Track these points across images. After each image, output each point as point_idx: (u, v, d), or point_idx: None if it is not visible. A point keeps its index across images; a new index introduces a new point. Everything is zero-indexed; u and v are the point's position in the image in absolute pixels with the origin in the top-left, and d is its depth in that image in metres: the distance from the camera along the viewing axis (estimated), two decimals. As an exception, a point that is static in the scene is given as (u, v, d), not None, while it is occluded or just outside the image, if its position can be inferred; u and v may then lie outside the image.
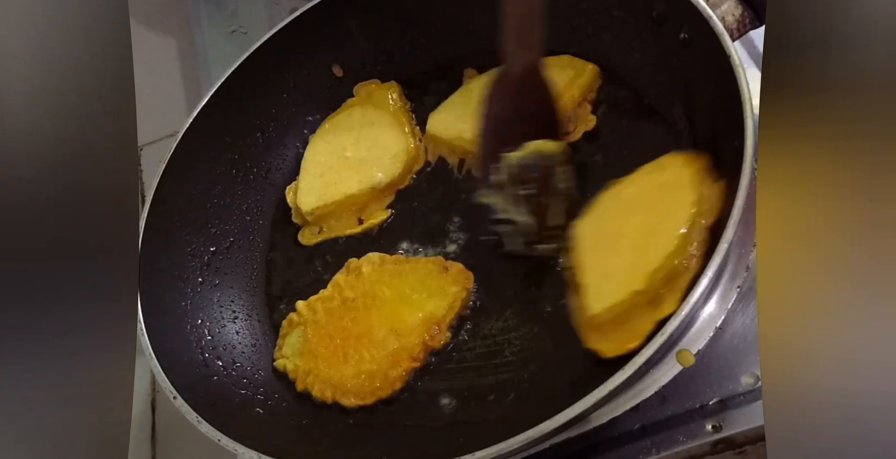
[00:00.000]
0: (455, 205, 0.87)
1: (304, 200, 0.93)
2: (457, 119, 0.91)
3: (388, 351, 0.76)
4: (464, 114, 0.90)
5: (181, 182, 0.88)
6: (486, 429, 0.69)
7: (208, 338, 0.82)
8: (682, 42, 0.73)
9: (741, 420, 0.67)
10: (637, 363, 0.55)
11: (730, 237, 0.57)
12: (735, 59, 0.65)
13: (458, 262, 0.81)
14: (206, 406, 0.69)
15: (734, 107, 0.63)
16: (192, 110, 0.91)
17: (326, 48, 0.99)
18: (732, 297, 0.71)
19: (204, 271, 0.88)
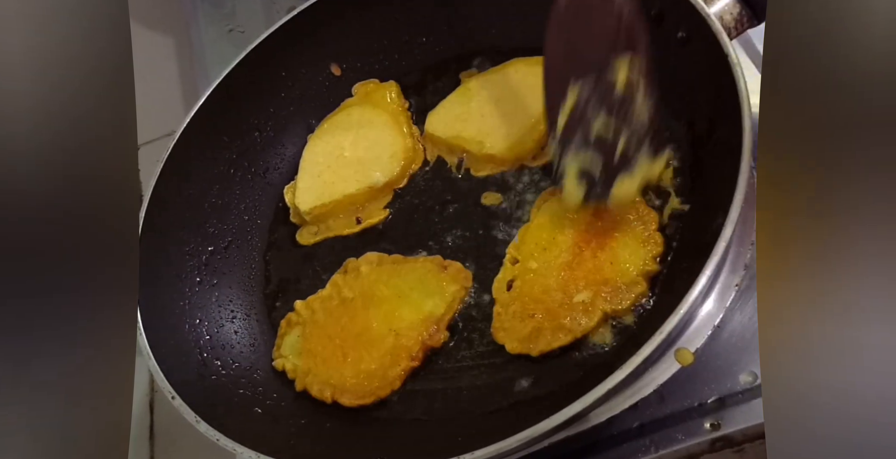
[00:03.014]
0: (453, 205, 0.87)
1: (302, 200, 0.93)
2: (455, 118, 0.91)
3: (387, 351, 0.76)
4: (462, 113, 0.91)
5: (179, 181, 0.88)
6: (486, 428, 0.69)
7: (207, 338, 0.82)
8: (680, 40, 0.73)
9: (740, 419, 0.67)
10: (635, 362, 0.56)
11: (728, 235, 0.57)
12: (733, 57, 0.65)
13: (456, 261, 0.81)
14: (205, 405, 0.69)
15: (732, 105, 0.63)
16: (189, 109, 0.91)
17: (324, 47, 0.99)
18: (731, 296, 0.71)
19: (202, 271, 0.88)
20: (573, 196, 0.72)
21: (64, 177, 0.44)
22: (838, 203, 0.40)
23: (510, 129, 0.86)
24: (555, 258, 0.74)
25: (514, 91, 0.89)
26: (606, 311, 0.69)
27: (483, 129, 0.88)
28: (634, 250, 0.71)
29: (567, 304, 0.71)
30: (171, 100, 1.40)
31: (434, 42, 1.00)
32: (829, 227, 0.40)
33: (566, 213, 0.76)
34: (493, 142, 0.87)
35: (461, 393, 0.74)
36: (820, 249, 0.40)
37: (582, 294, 0.70)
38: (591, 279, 0.71)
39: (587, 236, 0.73)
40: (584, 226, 0.74)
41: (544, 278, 0.73)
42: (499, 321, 0.75)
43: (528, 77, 0.89)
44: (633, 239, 0.72)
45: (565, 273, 0.72)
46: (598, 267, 0.71)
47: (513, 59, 0.92)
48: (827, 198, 0.40)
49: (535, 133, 0.84)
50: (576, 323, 0.70)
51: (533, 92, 0.82)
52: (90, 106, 0.45)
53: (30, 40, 0.42)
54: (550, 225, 0.76)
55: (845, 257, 0.40)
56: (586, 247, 0.73)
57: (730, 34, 0.69)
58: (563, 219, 0.76)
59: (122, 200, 0.47)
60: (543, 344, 0.70)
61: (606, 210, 0.73)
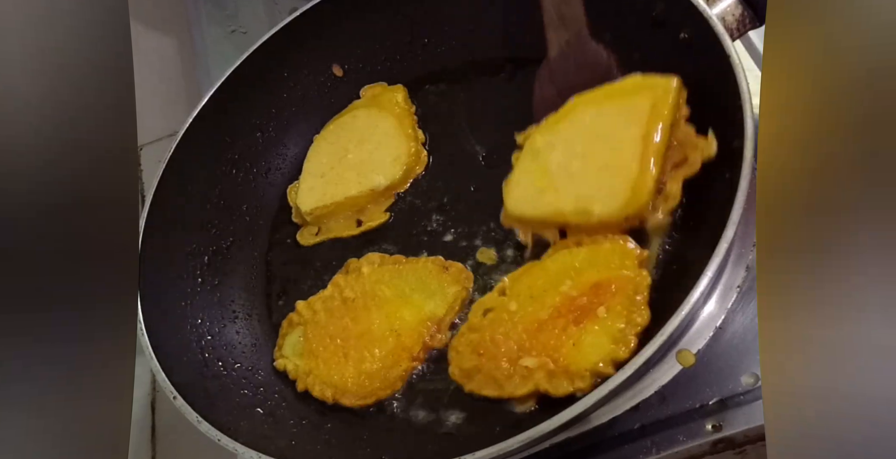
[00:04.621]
0: (454, 209, 0.87)
1: (303, 200, 0.93)
2: (540, 191, 0.75)
3: (388, 351, 0.76)
4: (545, 183, 0.75)
5: (181, 182, 0.88)
6: (486, 429, 0.69)
7: (208, 338, 0.82)
8: (683, 42, 0.73)
9: (741, 420, 0.67)
10: (637, 363, 0.56)
11: (730, 236, 0.57)
12: (735, 58, 0.65)
13: (457, 262, 0.81)
14: (206, 406, 0.69)
15: (734, 106, 0.63)
16: (191, 110, 0.91)
17: (326, 48, 0.99)
18: (732, 297, 0.71)
19: (204, 271, 0.88)
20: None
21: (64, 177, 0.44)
22: (838, 203, 0.40)
23: (614, 183, 0.70)
24: (534, 311, 0.70)
25: (594, 138, 0.74)
26: (538, 387, 0.65)
27: (581, 194, 0.72)
28: (601, 345, 0.64)
29: (512, 361, 0.68)
30: (173, 101, 1.40)
31: (436, 43, 1.00)
32: (829, 227, 0.40)
33: (574, 270, 0.70)
34: (601, 206, 0.71)
35: (462, 394, 0.73)
36: (820, 249, 0.40)
37: (530, 359, 0.66)
38: (547, 350, 0.66)
39: (573, 304, 0.68)
40: (579, 292, 0.68)
41: (512, 324, 0.70)
42: (457, 341, 0.74)
43: (598, 118, 0.74)
44: (607, 333, 0.64)
45: (532, 329, 0.68)
46: (560, 342, 0.66)
47: (572, 99, 0.77)
48: (827, 197, 0.40)
49: (647, 178, 0.69)
50: (509, 383, 0.67)
51: (616, 132, 0.72)
52: (90, 106, 0.45)
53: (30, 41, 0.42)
54: (554, 274, 0.72)
55: (845, 257, 0.39)
56: (565, 315, 0.67)
57: (732, 35, 0.69)
58: (567, 275, 0.70)
59: (123, 200, 0.47)
60: (475, 385, 0.70)
61: (607, 284, 0.68)
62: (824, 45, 0.40)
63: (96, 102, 0.45)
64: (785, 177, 0.42)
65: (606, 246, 0.71)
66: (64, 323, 0.45)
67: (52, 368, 0.45)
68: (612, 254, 0.70)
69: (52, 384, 0.45)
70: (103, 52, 0.46)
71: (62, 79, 0.44)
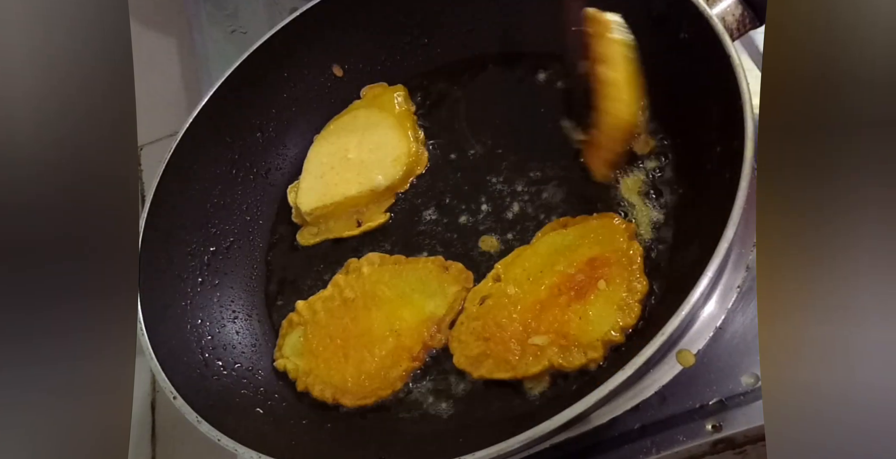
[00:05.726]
0: (454, 209, 0.87)
1: (303, 200, 0.93)
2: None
3: (388, 351, 0.76)
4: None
5: (181, 182, 0.88)
6: (486, 429, 0.69)
7: (208, 338, 0.82)
8: (682, 42, 0.73)
9: (741, 420, 0.67)
10: (637, 363, 0.56)
11: (730, 237, 0.57)
12: (735, 58, 0.65)
13: (457, 262, 0.81)
14: (206, 406, 0.69)
15: (734, 107, 0.63)
16: (192, 110, 0.91)
17: (326, 48, 0.99)
18: (732, 297, 0.71)
19: (204, 271, 0.88)
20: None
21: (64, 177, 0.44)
22: (838, 203, 0.40)
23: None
24: (533, 291, 0.72)
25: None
26: (553, 363, 0.67)
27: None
28: (607, 314, 0.68)
29: (521, 341, 0.69)
30: (173, 101, 1.40)
31: (436, 43, 1.00)
32: (828, 227, 0.40)
33: (567, 248, 0.74)
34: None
35: (462, 394, 0.74)
36: (820, 250, 0.40)
37: (539, 337, 0.69)
38: (555, 326, 0.69)
39: (572, 281, 0.71)
40: (576, 269, 0.71)
41: (514, 307, 0.72)
42: (458, 331, 0.75)
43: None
44: (610, 303, 0.68)
45: (535, 310, 0.71)
46: (567, 317, 0.69)
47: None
48: (827, 198, 0.40)
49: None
50: (521, 363, 0.68)
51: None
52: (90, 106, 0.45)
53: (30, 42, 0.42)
54: (546, 256, 0.74)
55: (845, 257, 0.39)
56: (565, 292, 0.70)
57: (732, 35, 0.69)
58: (560, 254, 0.74)
59: (123, 200, 0.47)
60: (485, 370, 0.70)
61: (602, 259, 0.71)
62: (824, 44, 0.40)
63: (96, 102, 0.45)
64: (785, 177, 0.42)
65: (594, 223, 0.75)
66: (64, 323, 0.45)
67: (52, 368, 0.45)
68: (601, 230, 0.74)
69: (52, 384, 0.45)
70: (103, 52, 0.46)
71: (62, 79, 0.44)
